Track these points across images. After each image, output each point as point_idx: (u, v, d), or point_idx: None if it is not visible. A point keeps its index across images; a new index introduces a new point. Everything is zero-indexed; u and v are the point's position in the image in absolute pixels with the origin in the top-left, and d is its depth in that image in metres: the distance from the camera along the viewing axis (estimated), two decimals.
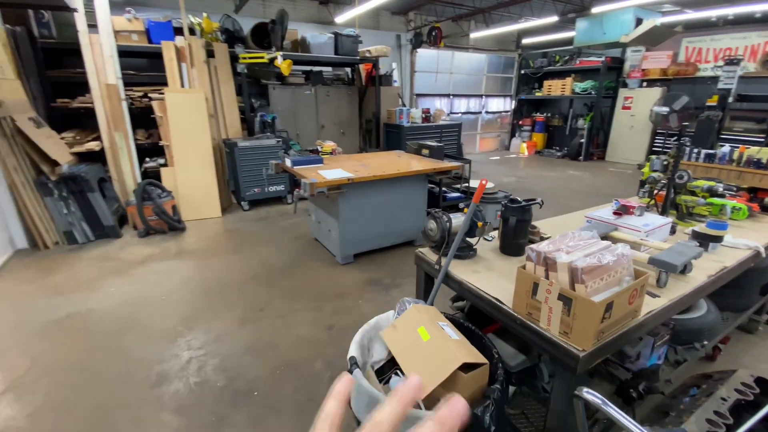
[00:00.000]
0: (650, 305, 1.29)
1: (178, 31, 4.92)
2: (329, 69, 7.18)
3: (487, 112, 10.84)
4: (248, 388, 2.03)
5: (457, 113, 10.18)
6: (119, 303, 2.84)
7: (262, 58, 5.01)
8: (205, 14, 5.17)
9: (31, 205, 3.69)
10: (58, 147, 3.98)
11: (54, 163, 3.83)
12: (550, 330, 1.16)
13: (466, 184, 4.68)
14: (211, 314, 2.72)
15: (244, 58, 5.00)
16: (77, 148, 4.32)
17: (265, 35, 5.43)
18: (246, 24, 5.51)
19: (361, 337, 1.39)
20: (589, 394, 0.96)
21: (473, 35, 8.96)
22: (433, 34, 8.51)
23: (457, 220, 1.64)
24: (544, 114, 10.38)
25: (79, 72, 4.36)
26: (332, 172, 3.32)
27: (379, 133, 7.17)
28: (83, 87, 4.36)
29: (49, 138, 3.89)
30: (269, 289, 3.08)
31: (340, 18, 6.93)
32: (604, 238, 1.55)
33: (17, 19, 4.24)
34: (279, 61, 4.91)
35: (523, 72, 10.57)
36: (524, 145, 10.30)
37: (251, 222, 4.69)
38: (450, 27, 8.84)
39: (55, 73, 4.70)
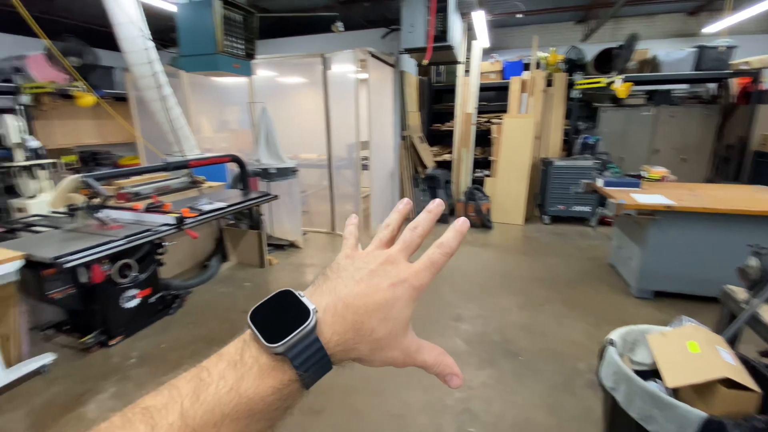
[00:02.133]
0: None
1: (528, 66, 5.88)
2: (682, 86, 6.19)
3: None
4: (515, 350, 2.52)
5: None
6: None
7: (599, 82, 5.15)
8: (552, 49, 5.87)
9: (407, 192, 5.70)
10: (428, 156, 5.88)
11: (424, 166, 5.71)
12: None
13: None
14: (499, 292, 3.38)
15: (580, 83, 5.32)
16: (438, 158, 6.18)
17: (608, 60, 5.49)
18: (593, 50, 5.75)
19: (626, 332, 1.55)
20: None
21: None
22: None
23: None
24: None
25: (450, 105, 6.18)
26: (648, 196, 3.14)
27: (741, 163, 5.52)
28: (450, 115, 6.14)
29: (425, 150, 5.83)
30: (551, 292, 3.38)
31: (711, 28, 5.80)
32: None
33: (424, 71, 6.53)
34: (617, 85, 4.90)
35: None
36: None
37: (548, 234, 5.03)
38: None
39: (437, 106, 6.85)
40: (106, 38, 4.05)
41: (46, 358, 2.38)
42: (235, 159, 3.87)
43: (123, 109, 5.56)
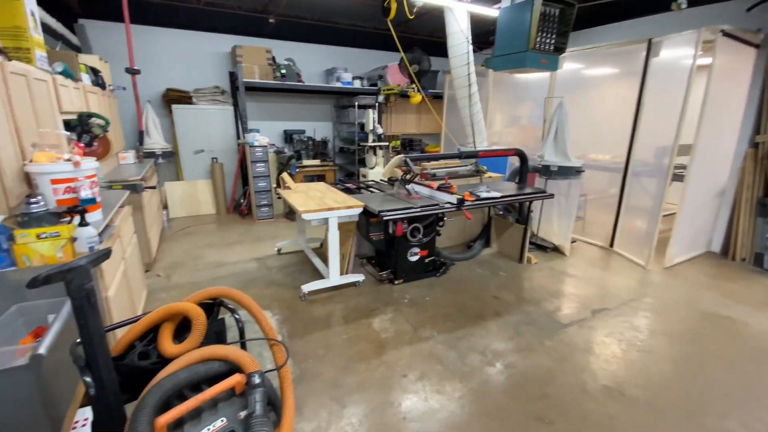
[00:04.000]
0: None
1: None
2: None
3: None
4: None
5: None
6: None
7: None
8: None
9: (743, 219, 4.09)
10: None
11: None
12: None
13: None
14: None
15: None
16: None
17: None
18: None
19: None
20: None
21: None
22: None
23: None
24: None
25: None
26: None
27: None
28: None
29: None
30: None
31: None
32: None
33: None
34: None
35: None
36: None
37: None
38: None
39: None
40: (439, 47, 5.05)
41: (359, 277, 3.41)
42: (519, 153, 3.99)
43: (437, 106, 6.81)
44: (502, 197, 3.52)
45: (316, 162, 6.44)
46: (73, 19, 5.00)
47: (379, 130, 5.92)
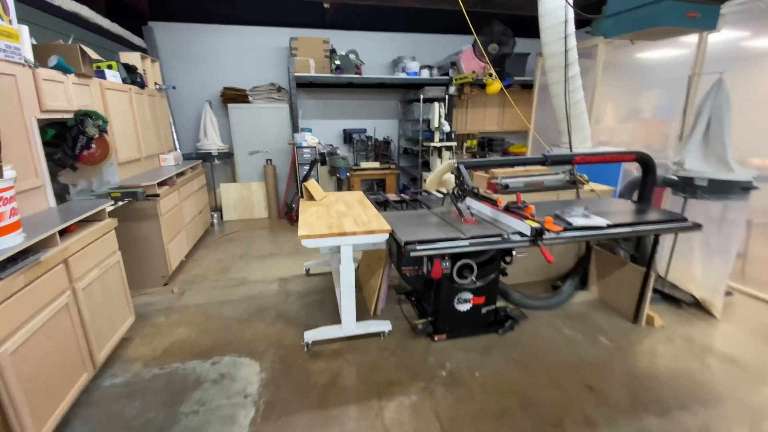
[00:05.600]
0: None
1: None
2: None
3: None
4: None
5: None
6: None
7: None
8: None
9: None
10: None
11: None
12: None
13: None
14: None
15: None
16: None
17: None
18: None
19: None
20: None
21: None
22: None
23: None
24: None
25: None
26: None
27: None
28: None
29: None
30: None
31: None
32: None
33: None
34: None
35: None
36: None
37: None
38: None
39: None
40: (529, 24, 3.85)
41: (385, 326, 2.52)
42: (642, 158, 2.67)
43: (526, 98, 5.50)
44: (609, 227, 2.28)
45: (375, 165, 5.68)
46: (143, 22, 5.05)
47: (446, 128, 4.92)
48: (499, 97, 5.49)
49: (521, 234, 2.14)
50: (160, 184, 3.35)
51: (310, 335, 2.40)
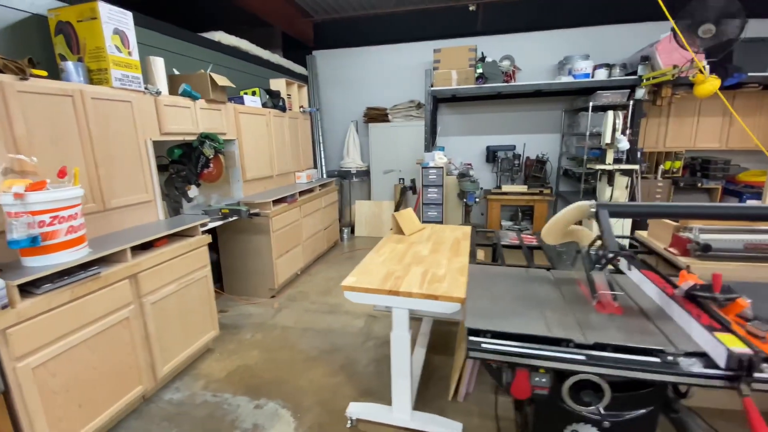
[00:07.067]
0: None
1: None
2: None
3: None
4: None
5: None
6: None
7: None
8: None
9: None
10: None
11: None
12: None
13: None
14: None
15: None
16: None
17: None
18: None
19: None
20: None
21: None
22: None
23: None
24: None
25: None
26: None
27: None
28: None
29: None
30: None
31: None
32: None
33: None
34: None
35: None
36: None
37: None
38: None
39: None
40: None
41: (456, 427, 1.79)
42: None
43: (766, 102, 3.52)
44: None
45: (521, 188, 4.70)
46: (308, 51, 5.65)
47: (623, 144, 3.61)
48: (723, 103, 3.69)
49: (703, 357, 1.10)
50: (278, 201, 3.50)
51: (356, 409, 1.91)
